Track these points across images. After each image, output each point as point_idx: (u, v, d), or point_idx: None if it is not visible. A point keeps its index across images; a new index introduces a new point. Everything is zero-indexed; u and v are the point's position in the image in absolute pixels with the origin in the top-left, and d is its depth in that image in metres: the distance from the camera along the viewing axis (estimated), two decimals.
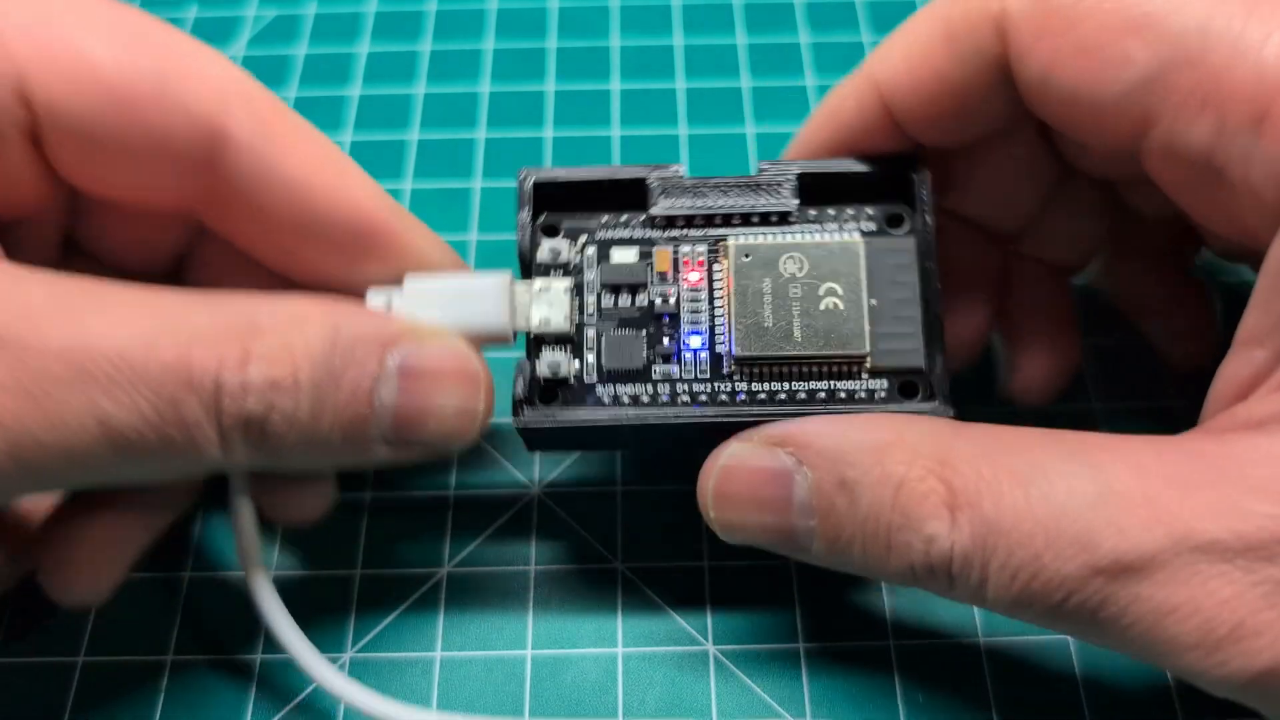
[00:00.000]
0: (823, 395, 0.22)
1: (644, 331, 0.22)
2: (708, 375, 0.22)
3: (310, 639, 0.25)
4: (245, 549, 0.23)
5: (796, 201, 0.22)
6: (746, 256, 0.22)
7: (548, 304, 0.22)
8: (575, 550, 0.26)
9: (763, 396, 0.22)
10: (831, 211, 0.23)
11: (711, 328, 0.22)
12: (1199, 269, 0.28)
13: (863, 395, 0.22)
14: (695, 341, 0.22)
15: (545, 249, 0.23)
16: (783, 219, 0.23)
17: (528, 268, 0.23)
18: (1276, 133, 0.17)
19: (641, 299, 0.23)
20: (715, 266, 0.23)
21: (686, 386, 0.22)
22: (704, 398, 0.22)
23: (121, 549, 0.23)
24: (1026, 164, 0.24)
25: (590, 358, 0.22)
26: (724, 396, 0.22)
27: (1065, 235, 0.26)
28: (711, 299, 0.22)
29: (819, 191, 0.23)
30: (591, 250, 0.23)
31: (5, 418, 0.17)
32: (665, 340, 0.22)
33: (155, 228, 0.24)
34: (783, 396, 0.22)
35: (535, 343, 0.22)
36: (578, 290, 0.23)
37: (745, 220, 0.23)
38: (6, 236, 0.21)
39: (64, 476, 0.19)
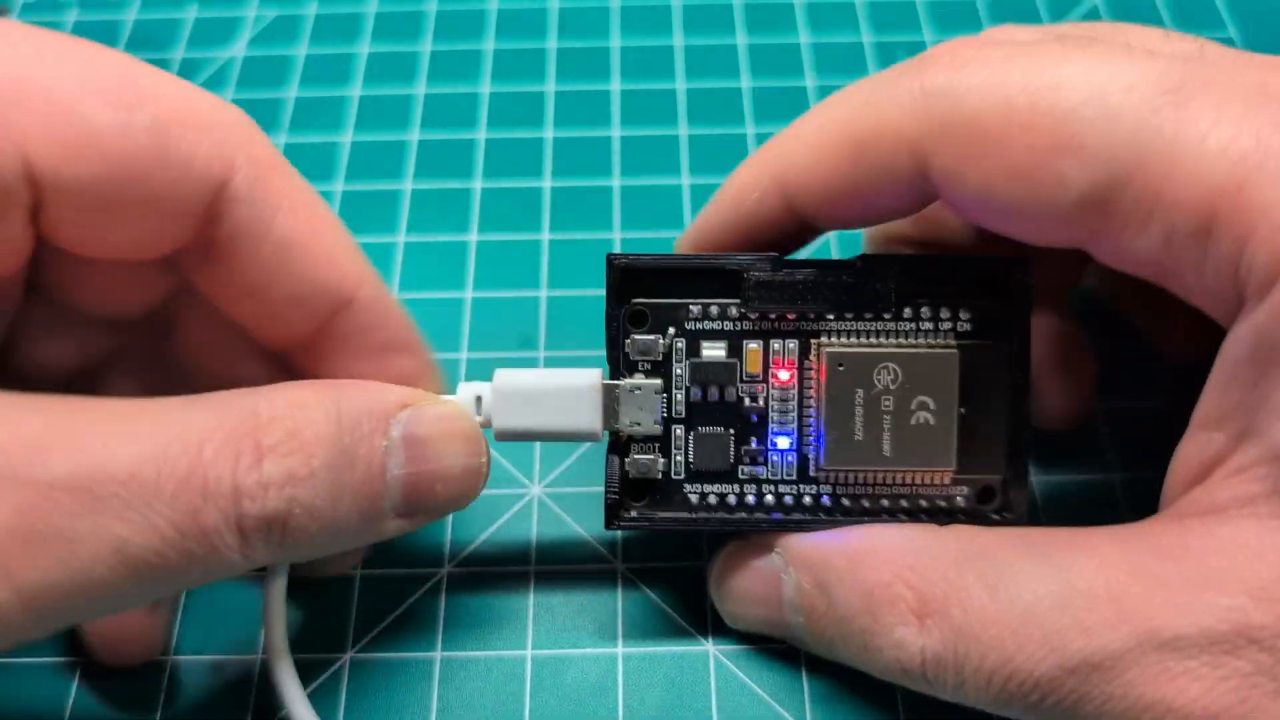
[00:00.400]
0: (905, 504, 0.22)
1: (731, 430, 0.22)
2: (794, 478, 0.22)
3: (310, 640, 0.25)
4: (272, 632, 0.22)
5: (894, 307, 0.22)
6: (840, 366, 0.22)
7: (638, 406, 0.22)
8: (575, 550, 0.26)
9: (847, 504, 0.22)
10: (926, 309, 0.22)
11: (800, 429, 0.22)
12: None
13: (943, 504, 0.22)
14: (783, 443, 0.22)
15: (635, 342, 0.22)
16: (877, 315, 0.22)
17: (614, 356, 0.22)
18: (1224, 238, 0.17)
19: (730, 394, 0.22)
20: (806, 363, 0.22)
21: (773, 488, 0.23)
22: (789, 500, 0.22)
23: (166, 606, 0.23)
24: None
25: (678, 456, 0.23)
26: (808, 499, 0.22)
27: (1045, 258, 0.25)
28: (801, 400, 0.22)
29: (916, 283, 0.22)
30: (681, 343, 0.22)
31: (13, 564, 0.16)
32: (753, 440, 0.22)
33: (133, 283, 0.23)
34: (866, 504, 0.22)
35: (619, 437, 0.22)
36: (665, 387, 0.22)
37: (839, 314, 0.22)
38: None
39: (79, 613, 0.18)
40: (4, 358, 0.22)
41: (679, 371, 0.22)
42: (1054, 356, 0.25)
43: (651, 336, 0.22)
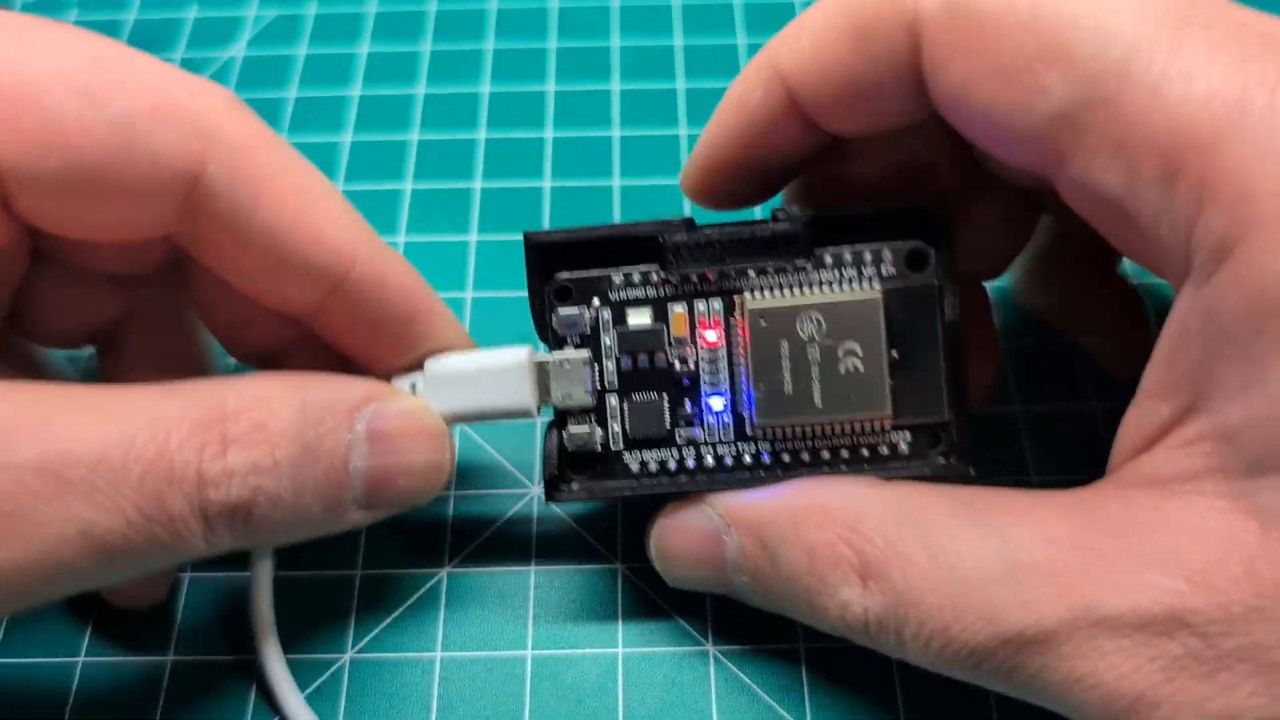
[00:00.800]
0: (846, 454, 0.22)
1: (665, 395, 0.22)
2: (731, 437, 0.22)
3: (310, 640, 0.25)
4: (259, 614, 0.23)
5: (812, 253, 0.22)
6: (763, 321, 0.22)
7: (568, 379, 0.22)
8: (575, 550, 0.26)
9: (787, 459, 0.22)
10: (849, 255, 0.22)
11: (732, 387, 0.22)
12: (1125, 273, 0.28)
13: (885, 451, 0.22)
14: (716, 403, 0.22)
15: (560, 317, 0.22)
16: (799, 268, 0.22)
17: (544, 334, 0.23)
18: (1186, 194, 0.17)
19: (660, 360, 0.22)
20: (732, 321, 0.22)
21: (711, 449, 0.22)
22: (729, 461, 0.22)
23: None
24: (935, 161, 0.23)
25: (615, 426, 0.23)
26: (748, 458, 0.22)
27: (977, 247, 0.25)
28: (731, 359, 0.22)
29: (836, 230, 0.22)
30: (606, 314, 0.22)
31: None
32: (687, 404, 0.22)
33: (136, 247, 0.23)
34: (806, 457, 0.22)
35: (560, 412, 0.23)
36: (595, 358, 0.22)
37: (760, 270, 0.22)
38: None
39: (44, 592, 0.18)
40: (16, 323, 0.23)
41: (607, 342, 0.22)
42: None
43: (576, 309, 0.22)
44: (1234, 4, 0.18)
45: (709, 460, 0.22)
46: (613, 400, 0.23)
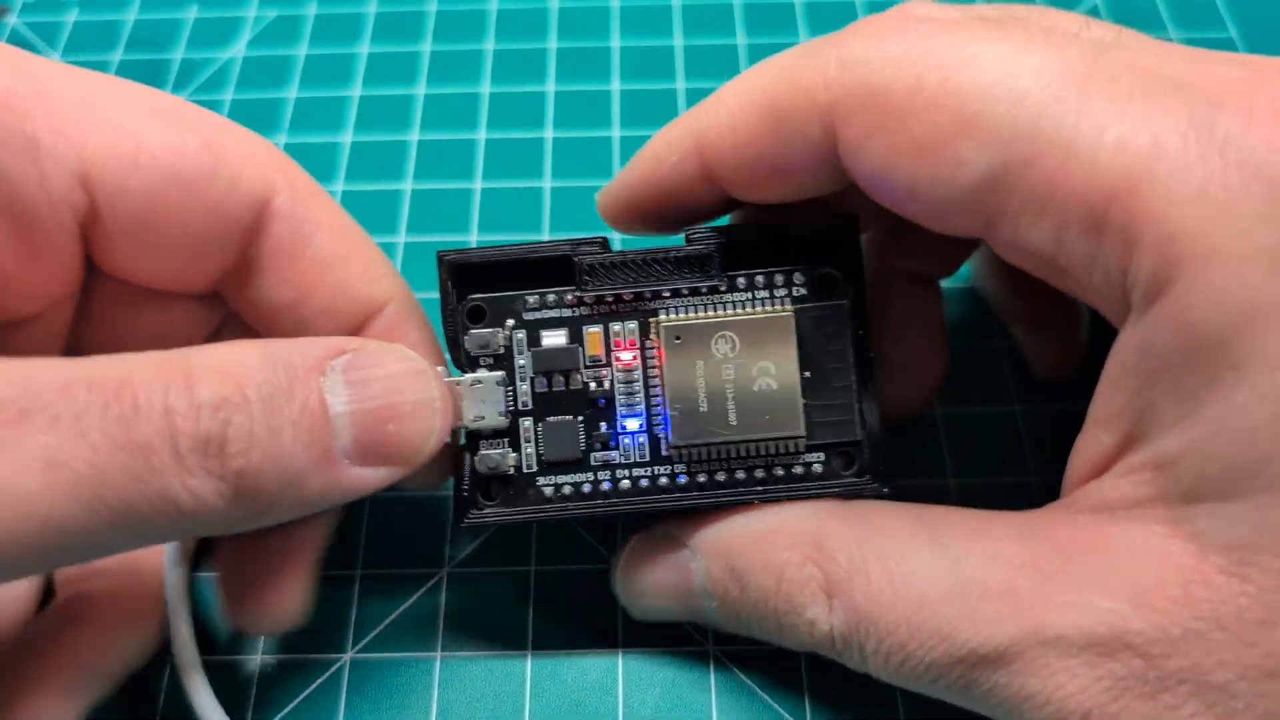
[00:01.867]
0: (761, 475, 0.22)
1: (580, 418, 0.22)
2: (647, 459, 0.22)
3: (310, 640, 0.25)
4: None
5: (725, 275, 0.22)
6: (677, 339, 0.22)
7: (480, 399, 0.22)
8: (575, 550, 0.26)
9: (703, 479, 0.22)
10: (760, 278, 0.22)
11: (648, 409, 0.22)
12: None
13: (800, 471, 0.22)
14: (632, 424, 0.22)
15: (473, 338, 0.22)
16: (713, 290, 0.22)
17: (457, 356, 0.22)
18: (1114, 242, 0.17)
19: (575, 382, 0.22)
20: (647, 343, 0.22)
21: (627, 472, 0.22)
22: (645, 483, 0.22)
23: (304, 553, 0.23)
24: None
25: (529, 449, 0.22)
26: (664, 480, 0.22)
27: (930, 247, 0.25)
28: (646, 379, 0.22)
29: (748, 255, 0.22)
30: (520, 334, 0.22)
31: None
32: (602, 425, 0.22)
33: (173, 322, 0.23)
34: (722, 478, 0.22)
35: (472, 435, 0.22)
36: (509, 380, 0.22)
37: (675, 291, 0.22)
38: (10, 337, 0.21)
39: (22, 542, 0.16)
40: None
41: (522, 363, 0.22)
42: (907, 346, 0.25)
43: (489, 330, 0.22)
44: (1139, 50, 0.18)
45: (625, 484, 0.22)
46: (526, 423, 0.22)
